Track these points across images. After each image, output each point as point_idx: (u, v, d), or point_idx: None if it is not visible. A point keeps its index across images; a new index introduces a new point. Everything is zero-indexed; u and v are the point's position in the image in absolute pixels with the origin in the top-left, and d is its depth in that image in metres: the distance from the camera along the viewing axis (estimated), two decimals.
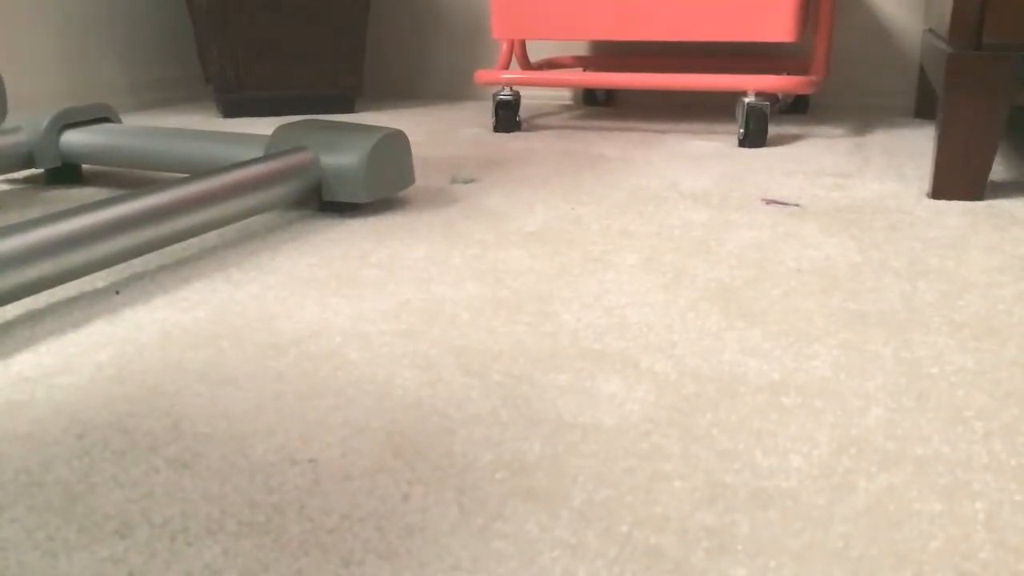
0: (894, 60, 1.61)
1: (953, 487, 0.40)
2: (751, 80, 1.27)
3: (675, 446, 0.44)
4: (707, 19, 1.28)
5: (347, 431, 0.46)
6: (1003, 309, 0.61)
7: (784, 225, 0.84)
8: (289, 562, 0.36)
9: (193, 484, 0.41)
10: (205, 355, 0.56)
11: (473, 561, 0.35)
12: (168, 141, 0.99)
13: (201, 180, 0.77)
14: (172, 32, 1.92)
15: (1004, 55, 0.87)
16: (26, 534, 0.38)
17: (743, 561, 0.35)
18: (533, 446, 0.44)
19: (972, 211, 0.88)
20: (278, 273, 0.72)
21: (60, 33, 1.64)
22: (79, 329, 0.61)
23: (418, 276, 0.71)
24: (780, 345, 0.56)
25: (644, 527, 0.37)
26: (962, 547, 0.36)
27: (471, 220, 0.88)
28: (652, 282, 0.68)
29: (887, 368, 0.52)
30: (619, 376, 0.52)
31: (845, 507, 0.39)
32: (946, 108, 0.90)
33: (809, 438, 0.44)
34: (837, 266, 0.71)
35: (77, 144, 1.04)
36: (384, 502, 0.40)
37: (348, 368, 0.54)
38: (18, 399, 0.50)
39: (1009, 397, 0.48)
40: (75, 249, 0.63)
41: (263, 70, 1.69)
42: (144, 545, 0.37)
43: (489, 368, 0.53)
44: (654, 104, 1.78)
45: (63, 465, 0.43)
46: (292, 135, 0.91)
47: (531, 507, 0.39)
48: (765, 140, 1.28)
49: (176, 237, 0.73)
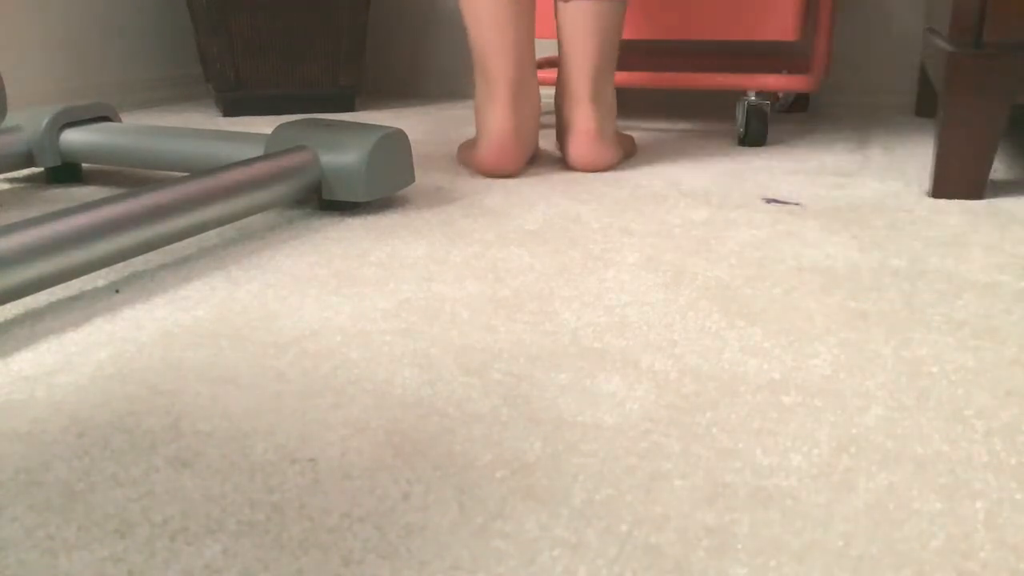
0: (894, 59, 1.61)
1: (953, 486, 0.40)
2: (751, 79, 1.27)
3: (675, 445, 0.44)
4: (708, 18, 1.28)
5: (347, 430, 0.46)
6: (1003, 308, 0.61)
7: (784, 224, 0.84)
8: (289, 561, 0.36)
9: (193, 483, 0.41)
10: (205, 354, 0.56)
11: (473, 560, 0.35)
12: (168, 140, 0.99)
13: (201, 179, 0.77)
14: (172, 31, 1.91)
15: (1005, 54, 0.87)
16: (26, 533, 0.38)
17: (743, 560, 0.35)
18: (533, 445, 0.44)
19: (972, 210, 0.88)
20: (278, 272, 0.72)
21: (60, 33, 1.64)
22: (79, 328, 0.61)
23: (418, 275, 0.71)
24: (780, 344, 0.56)
25: (644, 526, 0.37)
26: (962, 546, 0.36)
27: (471, 219, 0.88)
28: (652, 281, 0.68)
29: (887, 367, 0.52)
30: (619, 375, 0.52)
31: (845, 506, 0.39)
32: (946, 107, 0.90)
33: (809, 437, 0.44)
34: (837, 265, 0.71)
35: (77, 143, 1.03)
36: (384, 501, 0.40)
37: (348, 367, 0.54)
38: (18, 398, 0.50)
39: (1009, 396, 0.48)
40: (75, 248, 0.63)
41: (263, 69, 1.69)
42: (144, 544, 0.37)
43: (489, 367, 0.53)
44: (654, 103, 1.78)
45: (63, 464, 0.43)
46: (292, 134, 0.91)
47: (531, 506, 0.39)
48: (765, 139, 1.28)
49: (176, 236, 0.73)
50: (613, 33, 1.08)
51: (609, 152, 1.11)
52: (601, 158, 1.11)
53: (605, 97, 1.10)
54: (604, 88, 1.10)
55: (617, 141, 1.15)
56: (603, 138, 1.10)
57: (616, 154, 1.13)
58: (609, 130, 1.11)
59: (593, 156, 1.10)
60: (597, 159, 1.11)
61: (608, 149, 1.11)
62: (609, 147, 1.11)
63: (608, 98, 1.11)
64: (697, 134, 1.39)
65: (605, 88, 1.10)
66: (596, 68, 1.08)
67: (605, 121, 1.10)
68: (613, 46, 1.09)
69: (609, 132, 1.11)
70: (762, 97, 1.27)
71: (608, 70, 1.09)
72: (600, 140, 1.10)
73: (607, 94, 1.11)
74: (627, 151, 1.20)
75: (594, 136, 1.09)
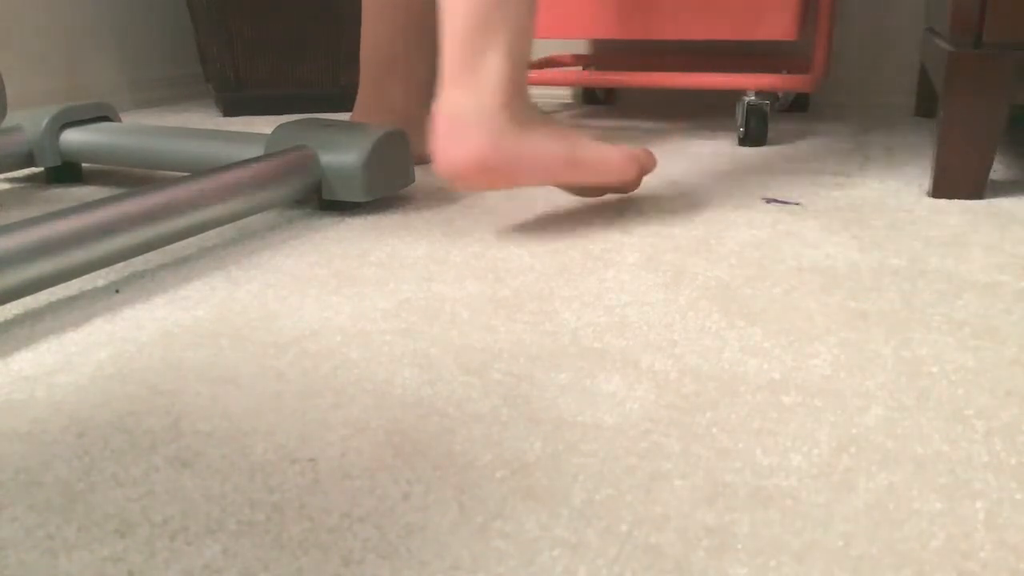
0: (894, 59, 1.61)
1: (953, 486, 0.40)
2: (751, 79, 1.27)
3: (675, 445, 0.44)
4: (708, 18, 1.28)
5: (347, 430, 0.46)
6: (1003, 308, 0.61)
7: (784, 224, 0.84)
8: (289, 561, 0.36)
9: (193, 483, 0.41)
10: (205, 354, 0.56)
11: (473, 560, 0.35)
12: (168, 140, 0.99)
13: (201, 179, 0.77)
14: (172, 31, 1.91)
15: (1004, 54, 0.87)
16: (26, 533, 0.38)
17: (743, 560, 0.35)
18: (533, 445, 0.44)
19: (972, 210, 0.88)
20: (278, 272, 0.72)
21: (60, 32, 1.64)
22: (79, 328, 0.61)
23: (418, 275, 0.71)
24: (780, 344, 0.56)
25: (644, 526, 0.37)
26: (962, 546, 0.36)
27: (471, 219, 0.88)
28: (652, 281, 0.68)
29: (887, 367, 0.52)
30: (619, 375, 0.52)
31: (845, 506, 0.39)
32: (946, 107, 0.90)
33: (809, 437, 0.44)
34: (837, 265, 0.71)
35: (77, 143, 1.04)
36: (384, 501, 0.40)
37: (348, 367, 0.54)
38: (18, 398, 0.50)
39: (1009, 396, 0.48)
40: (75, 248, 0.63)
41: (263, 69, 1.69)
42: (144, 544, 0.37)
43: (489, 367, 0.53)
44: (654, 103, 1.78)
45: (63, 464, 0.43)
46: (292, 134, 0.91)
47: (531, 506, 0.39)
48: (765, 139, 1.28)
49: (176, 236, 0.73)
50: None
51: (489, 145, 0.72)
52: (465, 151, 0.72)
53: (490, 69, 0.73)
54: (486, 59, 0.72)
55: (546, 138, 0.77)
56: (475, 125, 0.72)
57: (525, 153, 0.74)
58: (494, 117, 0.73)
59: (452, 149, 0.72)
60: (457, 154, 0.72)
61: (487, 140, 0.72)
62: (492, 137, 0.72)
63: (497, 71, 0.73)
64: (697, 134, 1.39)
65: (489, 58, 0.72)
66: (469, 27, 0.72)
67: (487, 101, 0.72)
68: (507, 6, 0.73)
69: (495, 119, 0.73)
70: (762, 97, 1.27)
71: (493, 33, 0.72)
72: (470, 128, 0.72)
73: (495, 66, 0.73)
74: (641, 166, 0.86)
75: (457, 122, 0.72)
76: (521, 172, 0.74)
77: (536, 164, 0.75)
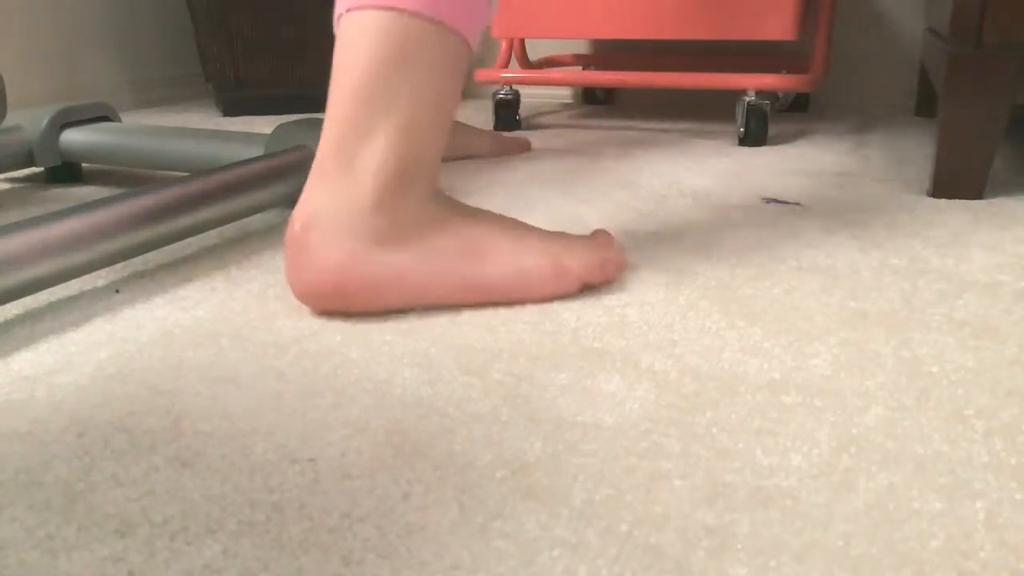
0: (894, 58, 1.61)
1: (953, 486, 0.40)
2: (751, 79, 1.27)
3: (675, 445, 0.44)
4: (707, 18, 1.28)
5: (347, 430, 0.46)
6: (1003, 308, 0.61)
7: (784, 224, 0.84)
8: (289, 561, 0.36)
9: (193, 483, 0.41)
10: (205, 354, 0.56)
11: (473, 560, 0.35)
12: (168, 140, 0.99)
13: (201, 179, 0.77)
14: (172, 31, 1.91)
15: (1005, 54, 0.87)
16: (26, 533, 0.38)
17: (743, 560, 0.35)
18: (533, 445, 0.44)
19: (972, 210, 0.88)
20: (278, 272, 0.72)
21: (60, 32, 1.64)
22: (79, 328, 0.61)
23: None
24: (780, 344, 0.56)
25: (644, 526, 0.37)
26: (962, 546, 0.36)
27: None
28: (652, 281, 0.68)
29: (887, 367, 0.52)
30: (619, 375, 0.52)
31: (845, 506, 0.39)
32: (946, 107, 0.90)
33: (809, 437, 0.44)
34: (837, 265, 0.71)
35: (77, 143, 1.03)
36: (384, 501, 0.40)
37: (348, 367, 0.54)
38: (18, 398, 0.50)
39: (1009, 396, 0.48)
40: (75, 248, 0.63)
41: (263, 68, 1.69)
42: (144, 544, 0.37)
43: (489, 367, 0.53)
44: (654, 103, 1.78)
45: (63, 464, 0.43)
46: (292, 133, 0.91)
47: (531, 506, 0.39)
48: (765, 139, 1.28)
49: (176, 236, 0.73)
50: (408, 68, 0.57)
51: (348, 259, 0.57)
52: (314, 269, 0.58)
53: (371, 156, 0.57)
54: (367, 145, 0.57)
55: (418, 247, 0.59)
56: (333, 233, 0.57)
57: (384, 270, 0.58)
58: (362, 221, 0.57)
59: (300, 264, 0.58)
60: (303, 273, 0.58)
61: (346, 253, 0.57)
62: (353, 250, 0.57)
63: (380, 160, 0.57)
64: (697, 134, 1.39)
65: (372, 144, 0.57)
66: (356, 100, 0.57)
67: (356, 202, 0.57)
68: (403, 85, 0.57)
69: (362, 224, 0.57)
70: (762, 97, 1.27)
71: (386, 109, 0.57)
72: (327, 236, 0.57)
73: (378, 154, 0.57)
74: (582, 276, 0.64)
75: (311, 229, 0.57)
76: (390, 295, 0.59)
77: (417, 286, 0.59)
